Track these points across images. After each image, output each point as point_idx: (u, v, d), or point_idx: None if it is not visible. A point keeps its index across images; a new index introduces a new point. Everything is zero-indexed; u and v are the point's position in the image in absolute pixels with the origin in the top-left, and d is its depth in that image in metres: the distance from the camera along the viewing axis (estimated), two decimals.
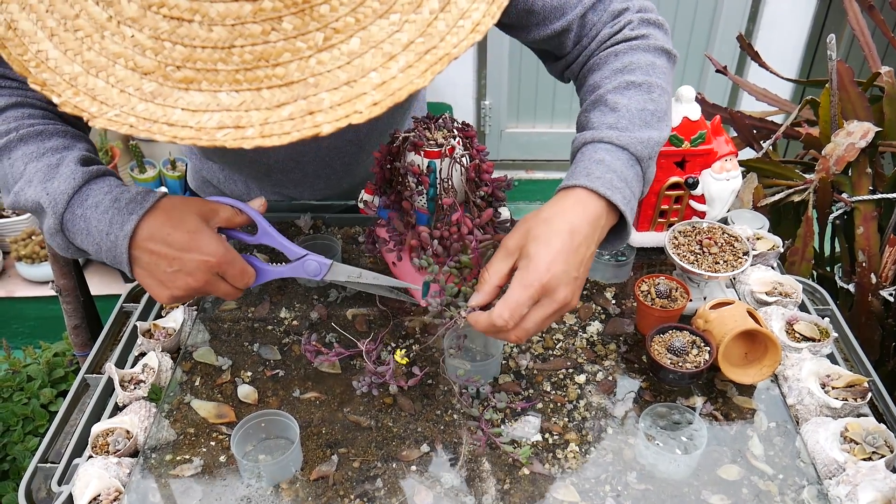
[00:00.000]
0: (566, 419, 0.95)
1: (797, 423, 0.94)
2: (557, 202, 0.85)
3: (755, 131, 1.75)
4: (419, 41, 0.65)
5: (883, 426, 0.88)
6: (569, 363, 1.03)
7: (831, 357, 1.03)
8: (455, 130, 0.98)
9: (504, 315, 0.79)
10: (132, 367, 1.02)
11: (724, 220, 1.24)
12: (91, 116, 0.64)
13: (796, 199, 1.57)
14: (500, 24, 1.03)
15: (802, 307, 1.12)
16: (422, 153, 0.95)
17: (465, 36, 0.66)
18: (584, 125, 0.93)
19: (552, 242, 0.81)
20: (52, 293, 1.43)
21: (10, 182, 0.88)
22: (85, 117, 0.64)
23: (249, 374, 1.02)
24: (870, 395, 0.93)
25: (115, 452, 0.88)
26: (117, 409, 0.96)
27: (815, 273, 1.70)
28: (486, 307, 0.84)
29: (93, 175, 0.86)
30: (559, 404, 0.97)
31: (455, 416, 0.95)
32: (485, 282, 0.84)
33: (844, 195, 1.54)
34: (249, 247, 1.10)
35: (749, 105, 2.19)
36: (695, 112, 1.07)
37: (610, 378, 1.01)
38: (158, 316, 1.12)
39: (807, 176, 1.59)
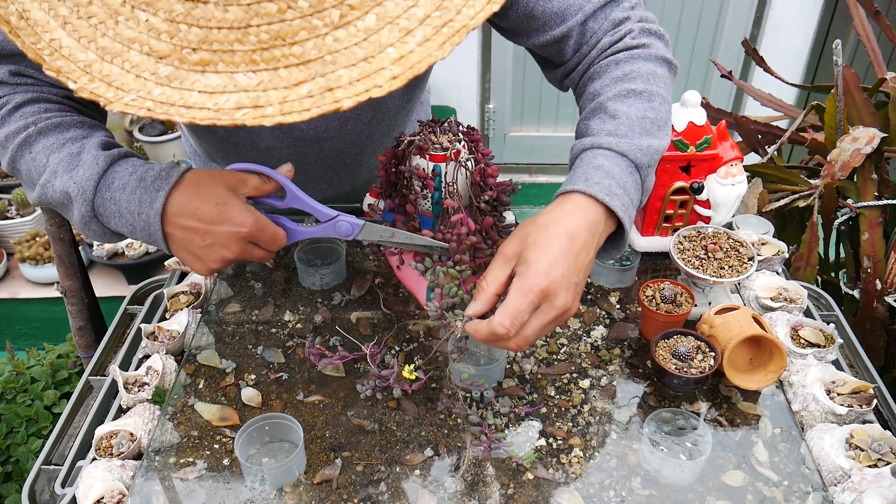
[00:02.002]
0: (570, 424, 0.94)
1: (802, 429, 0.94)
2: (555, 208, 0.84)
3: (760, 136, 1.75)
4: (435, 15, 0.64)
5: (888, 433, 0.87)
6: (573, 368, 1.03)
7: (836, 363, 1.02)
8: (460, 134, 0.98)
9: (505, 323, 0.78)
10: (136, 369, 1.02)
11: (729, 226, 1.24)
12: (107, 102, 0.63)
13: (801, 204, 1.57)
14: (500, 29, 1.02)
15: (807, 313, 1.11)
16: (427, 157, 0.96)
17: (482, 7, 0.65)
18: (584, 132, 0.92)
19: (551, 247, 0.79)
20: (56, 294, 1.44)
21: (34, 176, 0.88)
22: (101, 102, 0.63)
23: (253, 377, 1.02)
24: (875, 401, 0.92)
25: (118, 455, 0.88)
26: (121, 411, 0.96)
27: (819, 279, 1.70)
28: (484, 315, 0.83)
29: (115, 157, 0.86)
30: (563, 409, 0.97)
31: (459, 421, 0.95)
32: (482, 290, 0.82)
33: (850, 201, 1.53)
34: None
35: (753, 110, 2.19)
36: (700, 117, 1.06)
37: (614, 383, 1.00)
38: (163, 318, 1.12)
39: (812, 181, 1.59)
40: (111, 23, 0.63)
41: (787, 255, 1.17)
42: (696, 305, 1.04)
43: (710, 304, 1.09)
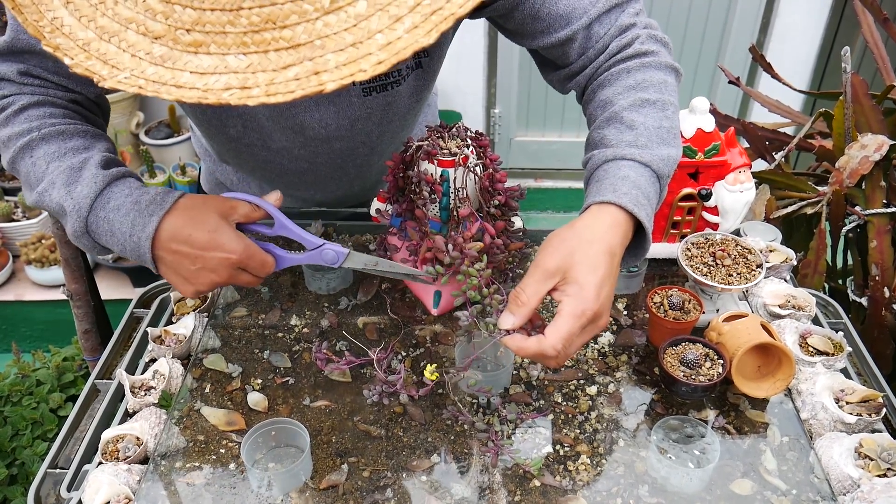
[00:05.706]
0: (577, 431, 0.94)
1: (811, 437, 0.93)
2: (595, 222, 0.85)
3: (767, 143, 1.74)
4: (426, 3, 0.64)
5: None
6: (580, 374, 1.02)
7: (845, 371, 1.02)
8: (468, 139, 0.98)
9: (558, 346, 0.80)
10: (142, 372, 1.02)
11: (737, 232, 1.23)
12: (101, 78, 0.64)
13: (809, 211, 1.56)
14: (505, 30, 1.03)
15: (815, 321, 1.11)
16: (435, 162, 0.95)
17: None
18: (600, 142, 0.93)
19: (599, 268, 0.81)
20: (62, 297, 1.44)
21: (32, 181, 0.91)
22: (95, 79, 0.64)
23: (260, 381, 1.01)
24: (884, 410, 0.92)
25: (125, 459, 0.88)
26: (127, 415, 0.96)
27: (827, 286, 1.69)
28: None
29: (114, 177, 0.89)
30: (570, 416, 0.96)
31: (465, 427, 0.94)
32: (522, 304, 0.83)
33: (858, 208, 1.53)
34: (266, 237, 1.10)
35: (760, 116, 2.18)
36: (709, 123, 1.06)
37: (621, 390, 1.00)
38: (169, 322, 1.12)
39: (820, 188, 1.58)
40: (111, 2, 0.65)
41: (794, 263, 1.16)
42: (704, 312, 1.04)
43: (718, 311, 1.08)
